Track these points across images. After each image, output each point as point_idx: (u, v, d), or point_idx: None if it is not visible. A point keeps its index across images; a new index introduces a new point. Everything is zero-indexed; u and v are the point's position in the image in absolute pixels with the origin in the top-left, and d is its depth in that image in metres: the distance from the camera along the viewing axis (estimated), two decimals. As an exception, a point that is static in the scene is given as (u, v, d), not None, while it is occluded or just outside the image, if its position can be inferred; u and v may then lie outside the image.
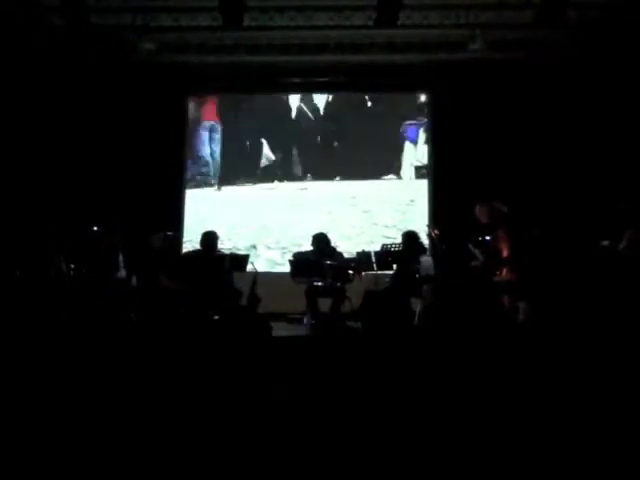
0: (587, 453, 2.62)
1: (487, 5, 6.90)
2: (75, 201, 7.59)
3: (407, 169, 8.50)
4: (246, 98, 8.71)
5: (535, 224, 6.27)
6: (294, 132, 8.64)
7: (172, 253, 6.86)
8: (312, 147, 8.60)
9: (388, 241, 6.93)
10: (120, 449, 2.66)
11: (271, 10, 7.05)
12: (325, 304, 6.52)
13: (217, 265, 6.33)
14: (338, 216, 8.36)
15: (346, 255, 6.82)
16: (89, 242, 6.35)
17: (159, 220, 7.45)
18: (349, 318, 6.37)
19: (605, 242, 5.58)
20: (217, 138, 8.71)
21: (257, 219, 8.43)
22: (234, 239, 8.25)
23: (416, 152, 8.50)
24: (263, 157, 8.64)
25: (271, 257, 8.21)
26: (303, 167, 8.59)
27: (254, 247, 8.19)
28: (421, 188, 8.37)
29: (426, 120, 8.46)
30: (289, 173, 8.60)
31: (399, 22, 6.79)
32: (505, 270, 5.62)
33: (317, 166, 8.55)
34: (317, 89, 8.55)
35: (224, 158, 8.68)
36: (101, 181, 7.82)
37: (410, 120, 8.52)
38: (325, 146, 8.56)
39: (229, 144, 8.68)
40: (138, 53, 7.26)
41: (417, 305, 6.19)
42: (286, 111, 8.67)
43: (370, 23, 6.92)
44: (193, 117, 8.70)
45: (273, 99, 8.73)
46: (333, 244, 6.89)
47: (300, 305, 6.63)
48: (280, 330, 5.73)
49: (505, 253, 5.61)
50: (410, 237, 6.52)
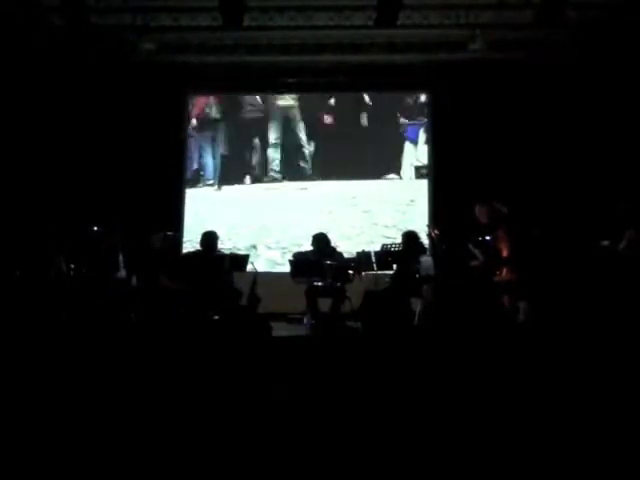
0: (587, 453, 2.62)
1: (487, 5, 6.91)
2: (75, 201, 7.59)
3: (407, 169, 8.50)
4: (246, 98, 8.70)
5: (535, 224, 6.27)
6: (294, 132, 8.64)
7: (172, 253, 6.85)
8: (312, 147, 8.59)
9: (388, 241, 6.93)
10: (120, 449, 2.66)
11: (271, 10, 7.05)
12: (325, 304, 6.52)
13: (217, 265, 6.33)
14: (338, 216, 8.35)
15: (346, 255, 6.82)
16: (89, 242, 6.36)
17: (159, 220, 7.45)
18: (349, 318, 6.37)
19: (605, 242, 5.58)
20: (217, 138, 8.71)
21: (257, 219, 8.42)
22: (234, 239, 8.25)
23: (416, 152, 8.50)
24: (263, 157, 8.64)
25: (271, 257, 8.21)
26: (303, 167, 8.59)
27: (254, 247, 8.19)
28: (421, 188, 8.37)
29: (426, 120, 8.46)
30: (289, 173, 8.61)
31: (399, 22, 6.79)
32: (505, 270, 5.63)
33: (317, 166, 8.54)
34: (317, 89, 8.54)
35: (224, 158, 8.68)
36: (101, 181, 7.82)
37: (410, 120, 8.53)
38: (325, 146, 8.55)
39: (229, 144, 8.68)
40: (138, 53, 7.26)
41: (417, 305, 6.19)
42: (286, 111, 8.67)
43: (370, 23, 6.91)
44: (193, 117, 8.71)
45: (273, 99, 8.73)
46: (333, 244, 6.89)
47: (300, 305, 6.63)
48: (280, 330, 5.74)
49: (505, 253, 5.62)
50: (410, 237, 6.52)
